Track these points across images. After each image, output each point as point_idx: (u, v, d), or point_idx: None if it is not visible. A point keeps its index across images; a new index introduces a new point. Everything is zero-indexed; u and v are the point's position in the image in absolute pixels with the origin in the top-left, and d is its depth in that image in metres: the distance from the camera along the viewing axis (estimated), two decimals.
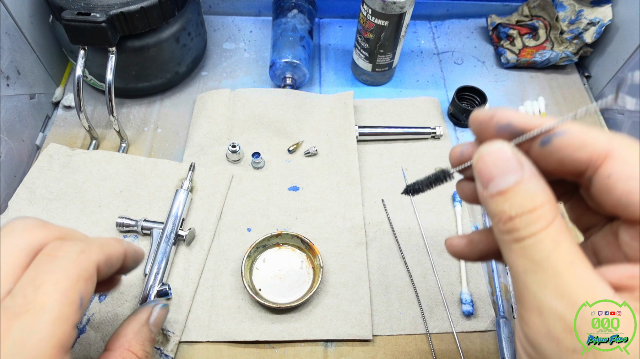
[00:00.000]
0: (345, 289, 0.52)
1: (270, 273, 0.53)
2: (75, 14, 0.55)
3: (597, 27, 0.73)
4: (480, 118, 0.27)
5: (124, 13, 0.57)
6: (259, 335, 0.49)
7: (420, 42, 0.83)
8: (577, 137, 0.23)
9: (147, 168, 0.60)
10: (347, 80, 0.76)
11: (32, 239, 0.28)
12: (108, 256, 0.30)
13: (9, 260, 0.26)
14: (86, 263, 0.27)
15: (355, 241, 0.56)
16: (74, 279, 0.26)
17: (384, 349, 0.49)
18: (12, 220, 0.29)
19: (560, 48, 0.76)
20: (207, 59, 0.77)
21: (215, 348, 0.49)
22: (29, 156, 0.64)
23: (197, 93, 0.71)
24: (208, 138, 0.64)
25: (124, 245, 0.33)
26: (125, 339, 0.33)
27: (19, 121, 0.62)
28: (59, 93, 0.71)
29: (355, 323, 0.50)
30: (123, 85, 0.66)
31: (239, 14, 0.84)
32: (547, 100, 0.74)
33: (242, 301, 0.51)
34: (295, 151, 0.64)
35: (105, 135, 0.66)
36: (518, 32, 0.79)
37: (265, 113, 0.67)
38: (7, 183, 0.59)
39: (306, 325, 0.50)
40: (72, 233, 0.30)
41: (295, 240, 0.54)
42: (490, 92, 0.72)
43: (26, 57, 0.64)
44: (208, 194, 0.59)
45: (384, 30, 0.65)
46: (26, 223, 0.28)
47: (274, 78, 0.72)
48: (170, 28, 0.64)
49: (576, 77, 0.78)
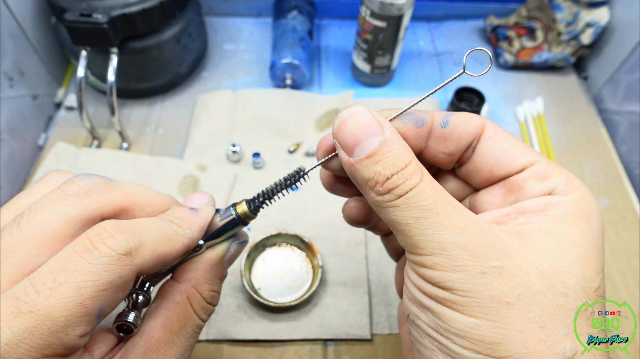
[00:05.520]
0: (344, 288, 0.53)
1: (269, 273, 0.53)
2: (77, 15, 0.55)
3: (594, 28, 0.74)
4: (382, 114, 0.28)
5: (126, 14, 0.57)
6: (258, 334, 0.49)
7: (419, 43, 0.83)
8: (462, 116, 0.28)
9: (152, 167, 0.61)
10: (346, 81, 0.77)
11: (84, 209, 0.24)
12: (158, 259, 0.25)
13: (47, 229, 0.23)
14: (126, 271, 0.23)
15: (354, 240, 0.56)
16: (102, 287, 0.22)
17: (383, 348, 0.50)
18: (76, 177, 0.26)
19: (557, 49, 0.77)
20: (207, 59, 0.78)
21: (215, 346, 0.50)
22: (32, 156, 0.65)
23: (197, 94, 0.72)
24: (209, 139, 0.65)
25: (193, 235, 0.28)
26: (194, 274, 0.29)
27: (22, 121, 0.62)
28: (61, 94, 0.71)
29: (354, 323, 0.51)
30: (124, 85, 0.67)
31: (239, 15, 0.85)
32: (545, 100, 0.75)
33: (241, 300, 0.52)
34: (295, 151, 0.65)
35: (106, 136, 0.67)
36: (516, 33, 0.80)
37: (265, 114, 0.67)
38: (10, 183, 0.59)
39: (305, 324, 0.50)
40: (136, 203, 0.27)
41: (294, 240, 0.55)
42: (488, 93, 0.72)
43: (29, 58, 0.64)
44: (211, 193, 0.59)
45: (383, 32, 0.65)
46: (83, 186, 0.25)
47: (274, 79, 0.72)
48: (171, 29, 0.64)
49: (573, 78, 0.79)
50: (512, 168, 0.28)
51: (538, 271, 0.23)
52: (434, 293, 0.24)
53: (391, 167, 0.24)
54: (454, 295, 0.23)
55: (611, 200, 0.64)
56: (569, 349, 0.22)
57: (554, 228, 0.25)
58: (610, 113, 0.73)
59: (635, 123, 0.67)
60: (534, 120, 0.72)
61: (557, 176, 0.27)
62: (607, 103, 0.74)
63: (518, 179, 0.27)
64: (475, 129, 0.28)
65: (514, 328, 0.22)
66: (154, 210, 0.28)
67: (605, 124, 0.73)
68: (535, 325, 0.22)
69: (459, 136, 0.28)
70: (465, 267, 0.23)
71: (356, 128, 0.25)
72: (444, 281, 0.23)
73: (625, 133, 0.69)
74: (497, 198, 0.29)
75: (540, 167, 0.27)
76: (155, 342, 0.26)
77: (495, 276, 0.23)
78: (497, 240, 0.24)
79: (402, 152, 0.24)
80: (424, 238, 0.23)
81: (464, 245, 0.23)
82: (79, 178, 0.26)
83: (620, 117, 0.71)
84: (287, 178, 0.29)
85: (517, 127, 0.72)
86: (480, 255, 0.23)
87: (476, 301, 0.22)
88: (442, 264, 0.23)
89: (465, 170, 0.30)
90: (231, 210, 0.29)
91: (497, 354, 0.22)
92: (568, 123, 0.73)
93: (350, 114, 0.25)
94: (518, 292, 0.22)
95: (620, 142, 0.70)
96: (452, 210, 0.24)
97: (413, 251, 0.24)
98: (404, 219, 0.24)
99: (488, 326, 0.22)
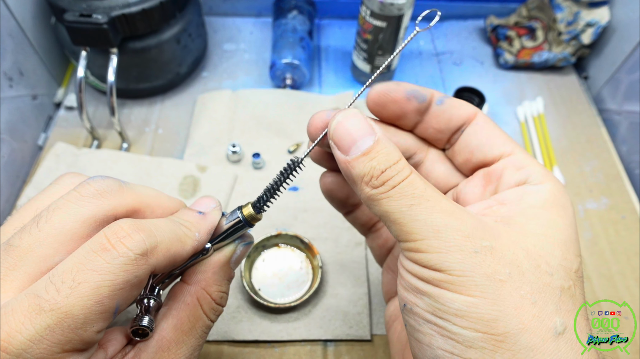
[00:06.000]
0: (344, 289, 0.53)
1: (269, 273, 0.53)
2: (77, 15, 0.55)
3: (595, 28, 0.73)
4: (386, 88, 0.31)
5: (126, 15, 0.57)
6: (258, 335, 0.49)
7: (420, 43, 0.83)
8: (457, 100, 0.31)
9: (152, 167, 0.61)
10: (346, 82, 0.77)
11: (98, 209, 0.25)
12: (170, 259, 0.26)
13: (64, 229, 0.24)
14: (141, 270, 0.24)
15: (354, 241, 0.56)
16: (119, 286, 0.23)
17: (383, 348, 0.50)
18: (91, 179, 0.27)
19: (558, 49, 0.77)
20: (207, 59, 0.78)
21: (215, 347, 0.50)
22: (32, 156, 0.65)
23: (197, 94, 0.72)
24: (209, 139, 0.65)
25: (201, 238, 0.29)
26: (203, 276, 0.30)
27: (21, 121, 0.62)
28: (60, 94, 0.71)
29: (353, 323, 0.51)
30: (124, 86, 0.67)
31: (239, 15, 0.85)
32: (545, 100, 0.75)
33: (241, 301, 0.52)
34: (295, 151, 0.65)
35: (106, 136, 0.67)
36: (516, 33, 0.80)
37: (265, 114, 0.67)
38: (10, 183, 0.59)
39: (305, 325, 0.50)
40: (147, 204, 0.28)
41: (294, 240, 0.55)
42: (488, 93, 0.72)
43: (29, 58, 0.64)
44: (212, 193, 0.59)
45: (383, 32, 0.65)
46: (98, 188, 0.26)
47: (274, 79, 0.72)
48: (171, 29, 0.64)
49: (574, 78, 0.79)
50: (491, 154, 0.30)
51: (524, 252, 0.24)
52: (430, 277, 0.24)
53: (385, 162, 0.26)
54: (450, 276, 0.24)
55: (611, 200, 0.64)
56: (559, 324, 0.23)
57: (534, 213, 0.26)
58: (611, 113, 0.73)
59: (636, 123, 0.67)
60: (534, 120, 0.72)
61: (532, 167, 0.28)
62: (608, 103, 0.74)
63: (496, 169, 0.30)
64: (467, 114, 0.30)
65: (510, 304, 0.23)
66: (164, 212, 0.29)
67: (606, 124, 0.73)
68: (528, 301, 0.23)
69: (450, 116, 0.31)
70: (459, 247, 0.24)
71: (351, 130, 0.27)
72: (440, 262, 0.24)
73: (626, 133, 0.69)
74: (478, 188, 0.31)
75: (517, 158, 0.29)
76: (166, 342, 0.27)
77: (487, 255, 0.24)
78: (484, 224, 0.25)
79: (393, 150, 0.26)
80: (417, 223, 0.25)
81: (456, 227, 0.24)
82: (93, 180, 0.27)
83: (621, 117, 0.71)
84: (284, 170, 0.29)
85: (517, 127, 0.72)
86: (472, 236, 0.24)
87: (472, 279, 0.23)
88: (437, 246, 0.24)
89: (451, 150, 0.32)
90: (237, 212, 0.30)
91: (495, 331, 0.23)
92: (568, 123, 0.73)
93: (345, 117, 0.27)
94: (509, 270, 0.24)
95: (620, 142, 0.70)
96: (441, 197, 0.26)
97: (407, 239, 0.25)
98: (397, 207, 0.25)
99: (485, 304, 0.23)
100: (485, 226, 0.25)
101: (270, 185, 0.30)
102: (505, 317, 0.23)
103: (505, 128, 0.72)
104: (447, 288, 0.24)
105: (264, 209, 0.30)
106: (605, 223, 0.62)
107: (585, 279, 0.57)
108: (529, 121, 0.72)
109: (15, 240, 0.24)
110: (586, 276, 0.57)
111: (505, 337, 0.23)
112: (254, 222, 0.30)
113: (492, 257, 0.24)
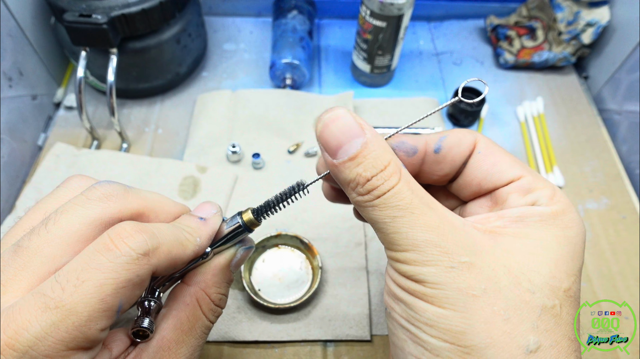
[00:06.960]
0: (344, 289, 0.53)
1: (269, 274, 0.53)
2: (76, 15, 0.55)
3: (595, 28, 0.73)
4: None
5: (125, 15, 0.57)
6: (258, 335, 0.49)
7: (419, 42, 0.83)
8: (455, 137, 0.30)
9: (152, 168, 0.61)
10: (346, 82, 0.77)
11: (104, 212, 0.26)
12: (171, 262, 0.27)
13: (71, 230, 0.25)
14: (143, 270, 0.25)
15: (354, 241, 0.56)
16: (121, 284, 0.24)
17: (383, 349, 0.50)
18: (98, 184, 0.27)
19: (558, 49, 0.77)
20: (207, 59, 0.78)
21: (215, 348, 0.49)
22: (31, 156, 0.65)
23: (197, 94, 0.72)
24: (208, 139, 0.65)
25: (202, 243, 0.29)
26: (203, 278, 0.30)
27: (21, 122, 0.62)
28: (60, 94, 0.71)
29: (353, 324, 0.51)
30: (124, 86, 0.67)
31: (239, 15, 0.85)
32: (546, 100, 0.75)
33: (241, 301, 0.52)
34: (295, 152, 0.65)
35: (106, 136, 0.67)
36: (516, 32, 0.80)
37: (265, 114, 0.67)
38: (10, 183, 0.59)
39: (305, 325, 0.50)
40: (151, 209, 0.28)
41: (294, 241, 0.55)
42: (489, 93, 0.72)
43: (28, 58, 0.64)
44: (212, 194, 0.59)
45: (383, 32, 0.65)
46: (104, 192, 0.27)
47: (274, 79, 0.72)
48: (170, 29, 0.64)
49: (574, 77, 0.79)
50: (500, 181, 0.29)
51: (505, 269, 0.25)
52: (407, 286, 0.25)
53: (371, 169, 0.25)
54: (424, 287, 0.24)
55: (611, 200, 0.64)
56: (532, 343, 0.23)
57: (525, 232, 0.26)
58: (611, 113, 0.73)
59: (636, 123, 0.67)
60: (534, 120, 0.72)
61: (542, 190, 0.28)
62: (608, 103, 0.74)
63: (502, 192, 0.29)
64: (469, 148, 0.30)
65: (479, 319, 0.23)
66: (167, 217, 0.30)
67: (606, 124, 0.73)
68: (500, 318, 0.23)
69: (452, 158, 0.30)
70: (435, 262, 0.24)
71: (339, 131, 0.26)
72: (416, 274, 0.25)
73: (626, 133, 0.69)
74: (484, 209, 0.30)
75: (526, 181, 0.28)
76: (166, 342, 0.28)
77: (463, 271, 0.24)
78: (468, 238, 0.25)
79: (382, 153, 0.26)
80: (399, 235, 0.25)
81: (435, 242, 0.24)
82: (100, 185, 0.27)
83: (621, 116, 0.71)
84: (287, 192, 0.30)
85: (517, 127, 0.72)
86: (450, 252, 0.24)
87: (444, 292, 0.24)
88: (415, 259, 0.25)
89: (456, 184, 0.31)
90: (237, 217, 0.31)
91: (463, 343, 0.24)
92: (568, 123, 0.73)
93: (332, 118, 0.27)
94: (484, 286, 0.24)
95: (620, 142, 0.70)
96: (427, 209, 0.25)
97: (390, 248, 0.26)
98: (381, 218, 0.25)
99: (454, 316, 0.24)
100: (469, 241, 0.25)
101: (272, 199, 0.30)
102: (473, 331, 0.23)
103: (505, 128, 0.72)
104: (421, 298, 0.25)
105: (263, 218, 0.31)
106: (605, 223, 0.62)
107: (585, 279, 0.57)
108: (529, 121, 0.72)
109: (24, 241, 0.25)
110: (586, 276, 0.57)
111: (471, 350, 0.23)
112: (253, 228, 0.31)
113: (469, 273, 0.24)
